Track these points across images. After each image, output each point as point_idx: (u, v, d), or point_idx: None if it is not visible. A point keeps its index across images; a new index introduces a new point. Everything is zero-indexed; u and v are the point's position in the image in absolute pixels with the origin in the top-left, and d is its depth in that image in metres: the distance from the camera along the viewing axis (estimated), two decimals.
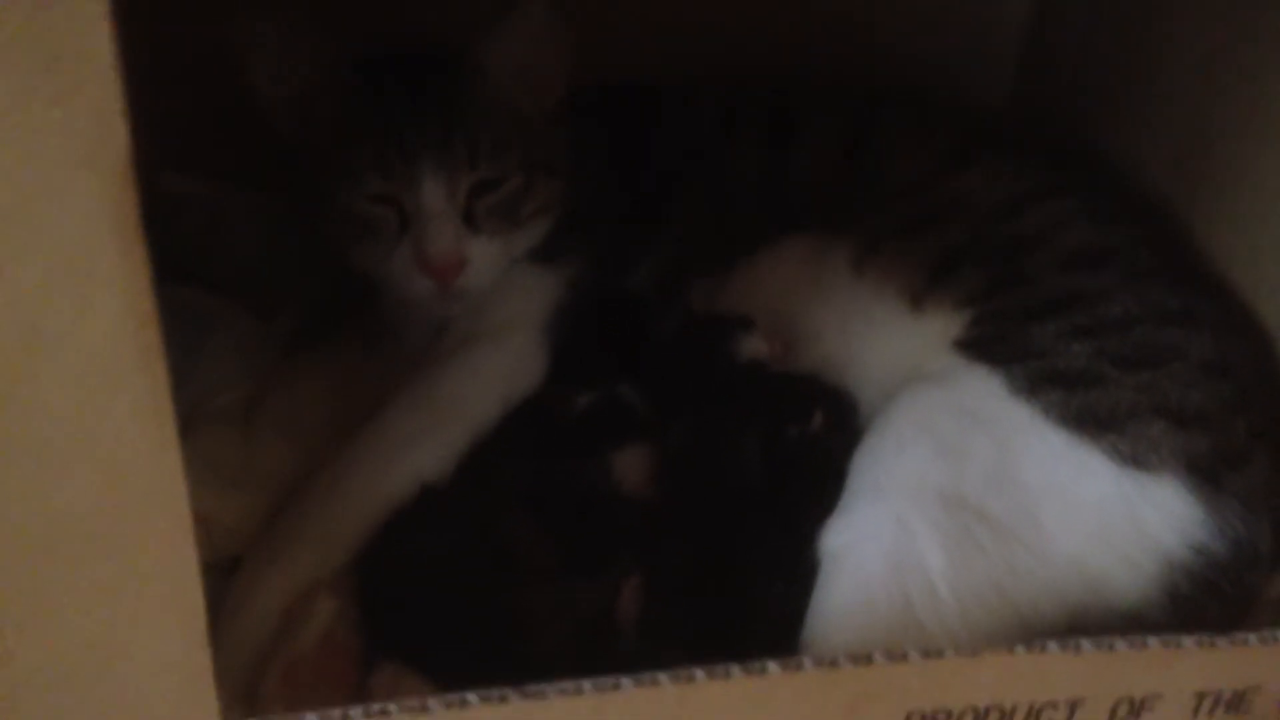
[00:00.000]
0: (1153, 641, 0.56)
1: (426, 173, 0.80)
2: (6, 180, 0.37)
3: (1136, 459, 0.71)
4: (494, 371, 0.85)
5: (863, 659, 0.55)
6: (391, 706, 0.51)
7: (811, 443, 0.82)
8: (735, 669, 0.54)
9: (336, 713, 0.51)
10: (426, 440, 0.81)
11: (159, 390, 0.40)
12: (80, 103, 0.36)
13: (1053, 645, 0.56)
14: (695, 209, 0.93)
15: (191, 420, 0.85)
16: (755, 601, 0.73)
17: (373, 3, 0.98)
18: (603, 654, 0.72)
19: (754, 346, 0.86)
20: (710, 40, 1.06)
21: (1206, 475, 0.71)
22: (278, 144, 0.85)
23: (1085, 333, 0.76)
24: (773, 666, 0.54)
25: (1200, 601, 0.70)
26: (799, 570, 0.71)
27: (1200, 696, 0.58)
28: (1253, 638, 0.57)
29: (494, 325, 0.86)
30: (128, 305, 0.39)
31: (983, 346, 0.78)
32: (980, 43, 1.16)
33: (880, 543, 0.69)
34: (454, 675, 0.61)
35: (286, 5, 0.87)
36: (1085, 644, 0.55)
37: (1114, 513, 0.70)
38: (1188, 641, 0.56)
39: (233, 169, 1.01)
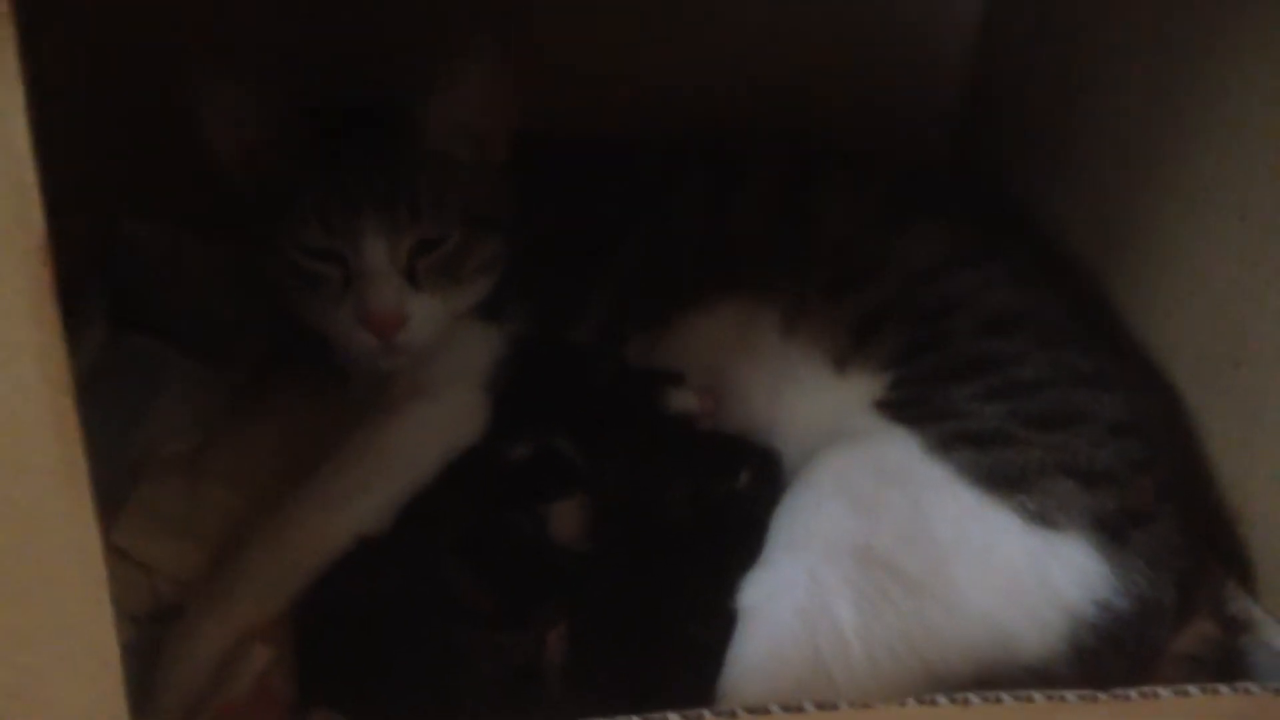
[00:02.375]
0: (1038, 696, 0.58)
1: (369, 230, 0.82)
2: None
3: (1044, 517, 0.74)
4: (434, 426, 0.87)
5: (760, 710, 0.57)
6: None
7: (738, 498, 0.84)
8: (634, 718, 0.56)
9: None
10: (366, 493, 0.83)
11: (74, 452, 0.43)
12: None
13: (942, 699, 0.58)
14: (636, 264, 0.96)
15: (140, 468, 0.87)
16: (677, 652, 0.75)
17: (322, 56, 1.01)
18: (530, 701, 0.74)
19: (684, 401, 0.88)
20: (654, 93, 1.10)
21: (1112, 533, 0.74)
22: (230, 195, 0.88)
23: (998, 394, 0.79)
24: (673, 716, 0.56)
25: (1105, 656, 0.72)
26: (720, 621, 0.74)
27: None
28: (1134, 693, 0.59)
29: (436, 380, 0.88)
30: (44, 374, 0.42)
31: (901, 407, 0.81)
32: (921, 101, 1.20)
33: (794, 597, 0.71)
34: None
35: (238, 61, 0.91)
36: (973, 697, 0.58)
37: (1022, 569, 0.73)
38: (1071, 696, 0.58)
39: (193, 216, 1.04)
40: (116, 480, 0.84)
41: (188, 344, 0.97)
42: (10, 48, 0.36)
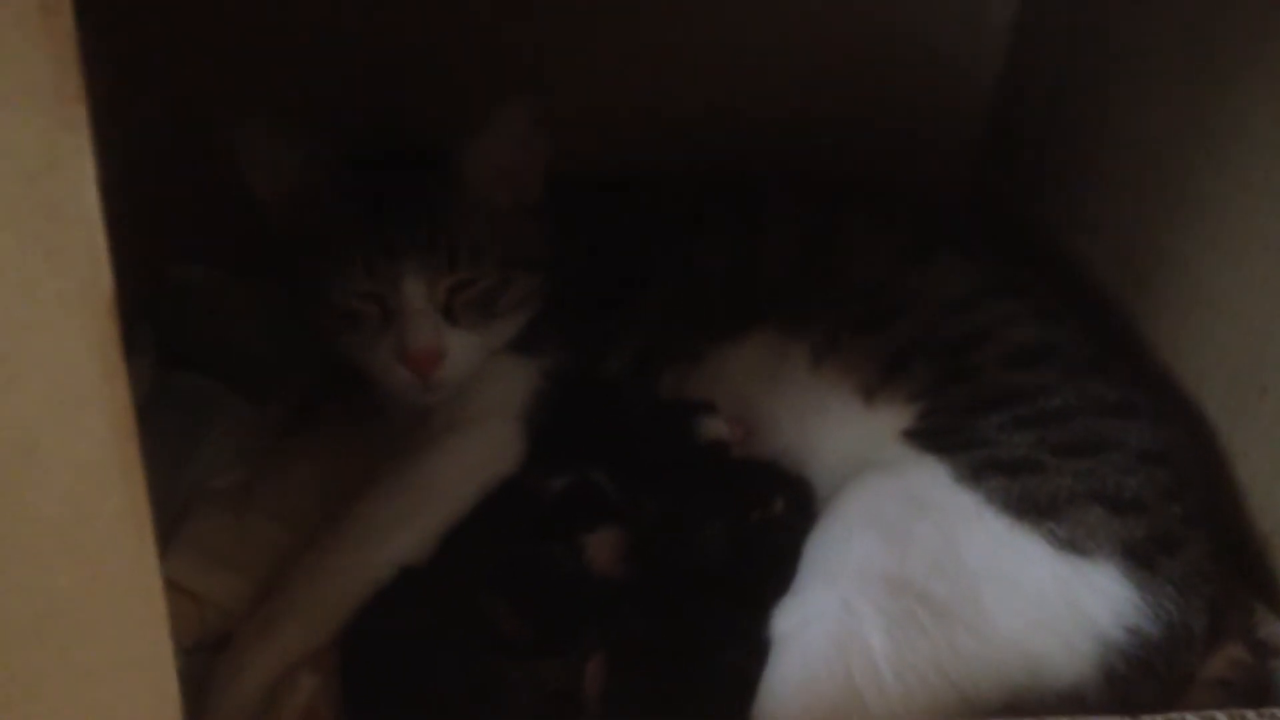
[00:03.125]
0: None
1: (408, 273, 0.85)
2: (8, 317, 0.42)
3: (1074, 544, 0.75)
4: (473, 458, 0.89)
5: None
6: None
7: (772, 526, 0.86)
8: None
9: None
10: (407, 525, 0.85)
11: (138, 499, 0.45)
12: (72, 253, 0.41)
13: None
14: (668, 299, 0.98)
15: (189, 503, 0.90)
16: (712, 679, 0.76)
17: (364, 101, 1.05)
18: None
19: (716, 429, 0.90)
20: (682, 130, 1.11)
21: (1141, 560, 0.75)
22: (272, 238, 0.91)
23: (1027, 423, 0.81)
24: None
25: (1135, 681, 0.73)
26: (754, 649, 0.75)
27: None
28: (1160, 718, 0.60)
29: (474, 413, 0.91)
30: (111, 424, 0.44)
31: (930, 437, 0.82)
32: (945, 131, 1.22)
33: (826, 625, 0.72)
34: None
35: (279, 109, 0.94)
36: None
37: (1052, 595, 0.74)
38: None
39: (237, 260, 1.07)
40: (164, 513, 0.87)
41: (233, 384, 1.00)
42: (83, 129, 0.39)
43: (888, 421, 0.86)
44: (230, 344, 1.03)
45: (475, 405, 0.91)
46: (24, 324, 0.42)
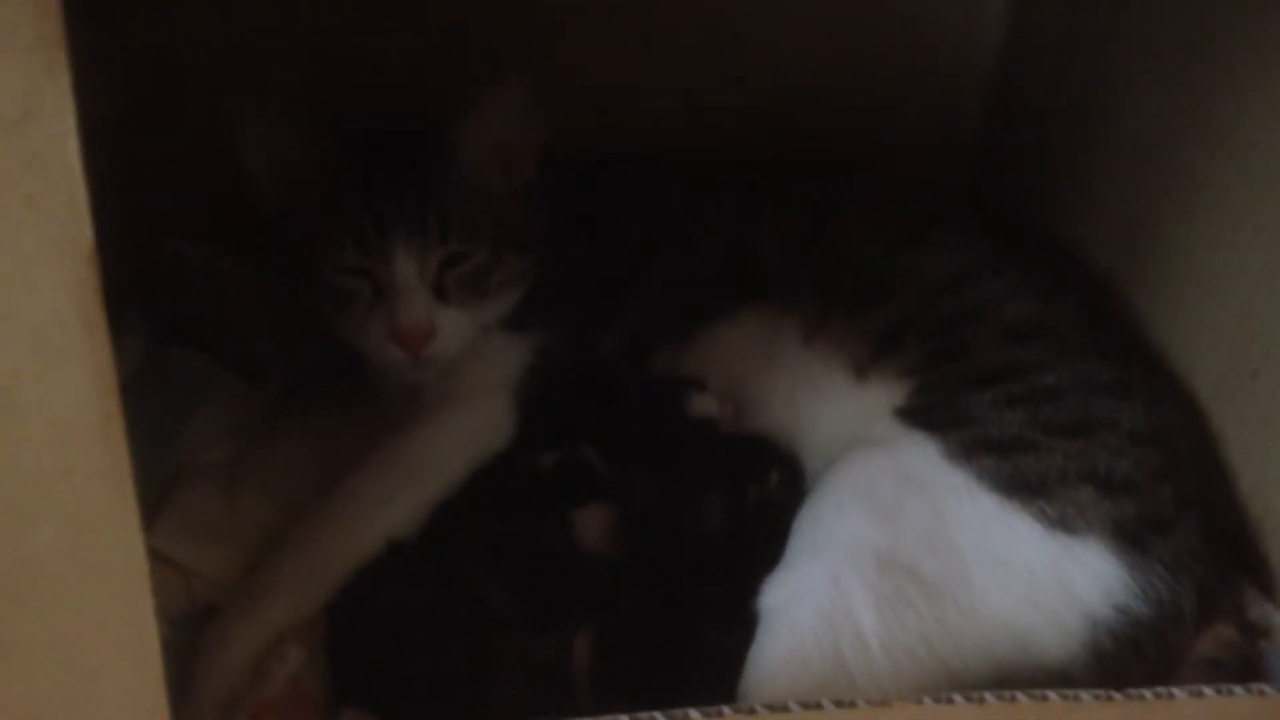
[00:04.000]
0: (1052, 695, 0.59)
1: (399, 249, 0.85)
2: None
3: (1064, 522, 0.75)
4: (463, 433, 0.89)
5: (780, 708, 0.58)
6: None
7: (765, 502, 0.86)
8: (659, 715, 0.57)
9: None
10: (396, 499, 0.85)
11: (119, 456, 0.45)
12: (52, 202, 0.41)
13: (958, 697, 0.59)
14: (662, 278, 0.98)
15: (178, 476, 0.90)
16: (701, 654, 0.76)
17: (357, 79, 1.04)
18: (556, 702, 0.75)
19: (705, 406, 0.90)
20: (678, 112, 1.11)
21: (1132, 539, 0.75)
22: (265, 214, 0.91)
23: (1019, 401, 0.80)
24: (694, 714, 0.57)
25: (1124, 659, 0.73)
26: (744, 626, 0.75)
27: None
28: (1149, 694, 0.60)
29: (465, 389, 0.91)
30: (91, 377, 0.44)
31: (922, 414, 0.82)
32: (944, 116, 1.21)
33: (816, 600, 0.72)
34: None
35: (274, 87, 0.93)
36: (989, 696, 0.59)
37: (1042, 574, 0.74)
38: (1085, 696, 0.59)
39: (233, 237, 1.06)
40: (153, 486, 0.87)
41: (227, 360, 0.99)
42: (64, 75, 0.38)
43: (879, 398, 0.86)
44: (224, 321, 1.02)
45: (467, 381, 0.91)
46: (3, 274, 0.42)
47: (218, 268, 1.05)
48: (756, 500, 0.86)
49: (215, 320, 1.03)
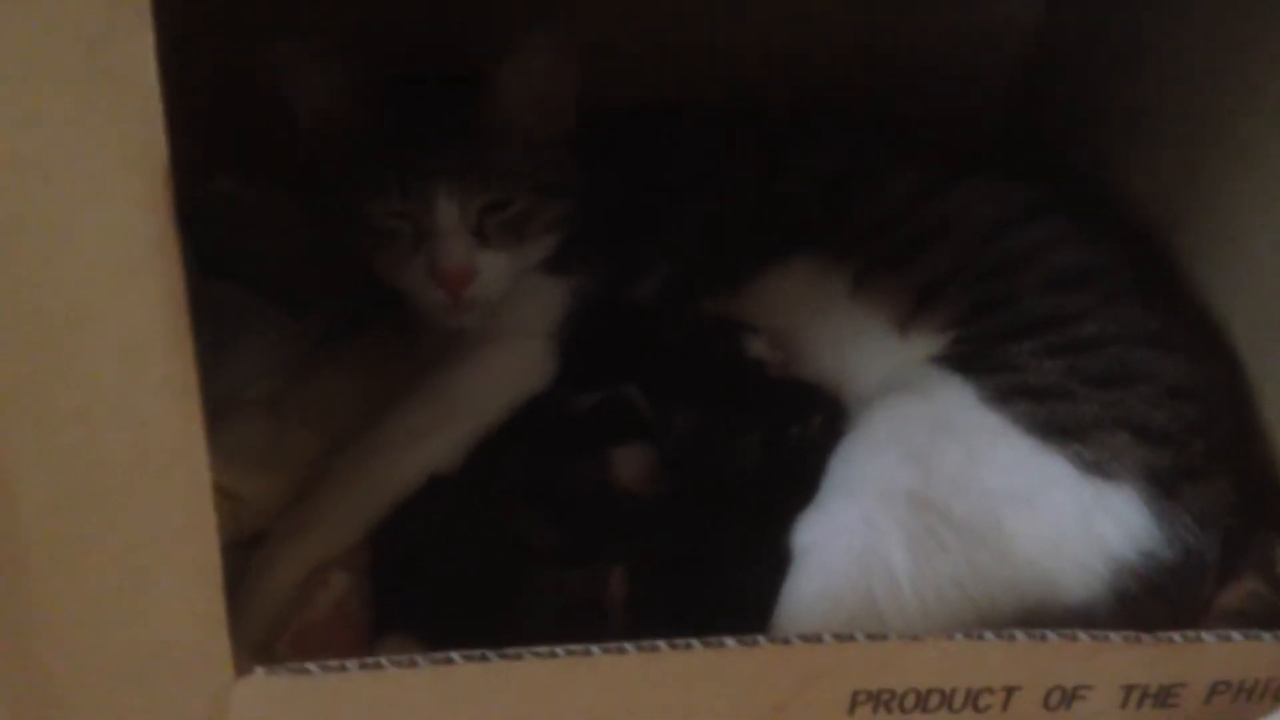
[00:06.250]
0: (1082, 635, 0.60)
1: (441, 193, 0.85)
2: (64, 181, 0.43)
3: (1099, 466, 0.75)
4: (503, 372, 0.91)
5: (813, 638, 0.60)
6: (384, 660, 0.57)
7: (806, 443, 0.87)
8: (695, 642, 0.59)
9: (335, 664, 0.57)
10: (438, 433, 0.87)
11: (186, 366, 0.47)
12: (128, 118, 0.42)
13: (989, 634, 0.60)
14: (699, 227, 0.98)
15: (225, 406, 0.91)
16: (734, 590, 0.78)
17: (400, 25, 1.05)
18: (591, 636, 0.77)
19: (760, 348, 0.91)
20: (716, 60, 1.11)
21: (1164, 487, 0.75)
22: (309, 155, 0.92)
23: (1058, 351, 0.81)
24: (730, 641, 0.59)
25: (1148, 604, 0.74)
26: (777, 563, 0.76)
27: (1128, 689, 0.62)
28: (1177, 636, 0.61)
29: (505, 329, 0.92)
30: (162, 290, 0.46)
31: (959, 360, 0.83)
32: (984, 64, 1.20)
33: (848, 539, 0.73)
34: (452, 648, 0.66)
35: (320, 27, 0.94)
36: (1019, 634, 0.60)
37: (1071, 517, 0.75)
38: (1115, 637, 0.60)
39: (282, 175, 1.07)
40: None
41: (274, 298, 1.01)
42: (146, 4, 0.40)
43: (922, 350, 0.86)
44: (272, 258, 1.04)
45: (506, 322, 0.92)
46: (81, 187, 0.43)
47: (265, 205, 1.06)
48: (797, 440, 0.87)
49: (260, 257, 1.04)
